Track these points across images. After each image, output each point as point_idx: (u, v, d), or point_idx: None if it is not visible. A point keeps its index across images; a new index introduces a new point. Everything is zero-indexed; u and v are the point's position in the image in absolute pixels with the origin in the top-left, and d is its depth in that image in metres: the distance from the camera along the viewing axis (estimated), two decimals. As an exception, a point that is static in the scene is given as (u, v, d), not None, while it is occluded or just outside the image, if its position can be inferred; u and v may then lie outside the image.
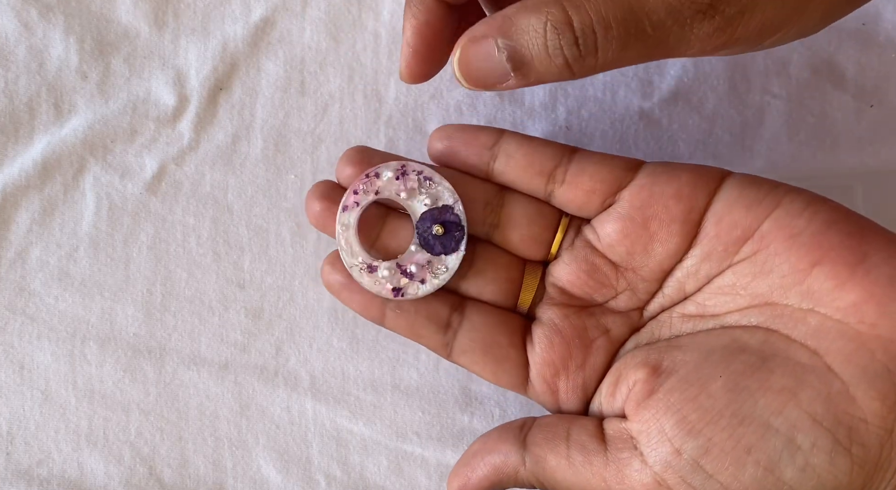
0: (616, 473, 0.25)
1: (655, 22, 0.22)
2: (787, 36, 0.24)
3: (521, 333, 0.29)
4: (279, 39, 0.36)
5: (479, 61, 0.24)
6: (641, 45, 0.23)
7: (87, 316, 0.35)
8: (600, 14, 0.22)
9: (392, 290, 0.29)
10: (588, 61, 0.23)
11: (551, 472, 0.26)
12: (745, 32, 0.23)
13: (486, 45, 0.24)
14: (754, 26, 0.23)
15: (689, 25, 0.23)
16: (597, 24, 0.22)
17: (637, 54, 0.23)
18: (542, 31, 0.23)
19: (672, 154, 0.35)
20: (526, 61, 0.23)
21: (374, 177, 0.29)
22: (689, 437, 0.24)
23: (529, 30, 0.23)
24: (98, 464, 0.34)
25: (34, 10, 0.35)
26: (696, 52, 0.24)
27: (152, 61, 0.35)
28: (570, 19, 0.23)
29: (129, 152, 0.35)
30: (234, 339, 0.35)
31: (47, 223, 0.35)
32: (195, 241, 0.35)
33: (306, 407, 0.35)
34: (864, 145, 0.35)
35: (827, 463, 0.23)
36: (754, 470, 0.23)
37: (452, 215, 0.29)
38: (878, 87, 0.35)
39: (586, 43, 0.23)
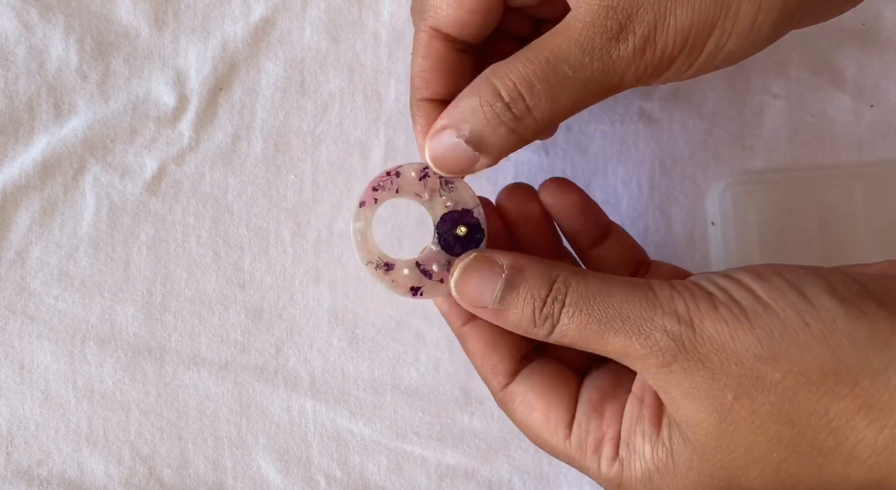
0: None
1: (573, 63, 0.24)
2: (726, 50, 0.24)
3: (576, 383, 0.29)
4: (279, 39, 0.36)
5: (446, 152, 0.26)
6: (570, 89, 0.24)
7: (87, 316, 0.35)
8: (520, 76, 0.24)
9: (410, 289, 0.29)
10: (527, 121, 0.25)
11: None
12: (669, 48, 0.24)
13: (446, 137, 0.26)
14: (676, 39, 0.24)
15: (608, 54, 0.24)
16: (520, 86, 0.24)
17: (573, 101, 0.25)
18: (480, 108, 0.25)
19: (672, 154, 0.35)
20: (482, 139, 0.25)
21: (394, 175, 0.29)
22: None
23: (471, 111, 0.25)
24: (98, 464, 0.34)
25: (34, 10, 0.35)
26: (633, 80, 0.25)
27: (152, 61, 0.35)
28: (498, 90, 0.25)
29: (129, 152, 0.35)
30: (234, 339, 0.35)
31: (47, 223, 0.35)
32: (195, 242, 0.35)
33: (306, 407, 0.35)
34: (863, 145, 0.35)
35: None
36: None
37: (472, 218, 0.29)
38: (877, 87, 0.35)
39: (517, 106, 0.25)
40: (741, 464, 0.23)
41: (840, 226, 0.33)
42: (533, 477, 0.34)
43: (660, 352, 0.24)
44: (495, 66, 0.25)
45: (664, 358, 0.23)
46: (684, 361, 0.23)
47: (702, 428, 0.23)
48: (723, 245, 0.34)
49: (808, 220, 0.33)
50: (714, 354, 0.23)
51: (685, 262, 0.35)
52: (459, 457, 0.34)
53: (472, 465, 0.34)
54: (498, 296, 0.26)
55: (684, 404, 0.24)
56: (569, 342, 0.25)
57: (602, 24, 0.24)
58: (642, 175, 0.35)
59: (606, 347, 0.25)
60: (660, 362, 0.24)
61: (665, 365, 0.24)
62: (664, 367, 0.24)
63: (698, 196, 0.35)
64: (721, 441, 0.23)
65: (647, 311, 0.24)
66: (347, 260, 0.35)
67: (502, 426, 0.34)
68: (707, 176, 0.35)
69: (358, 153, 0.35)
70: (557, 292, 0.25)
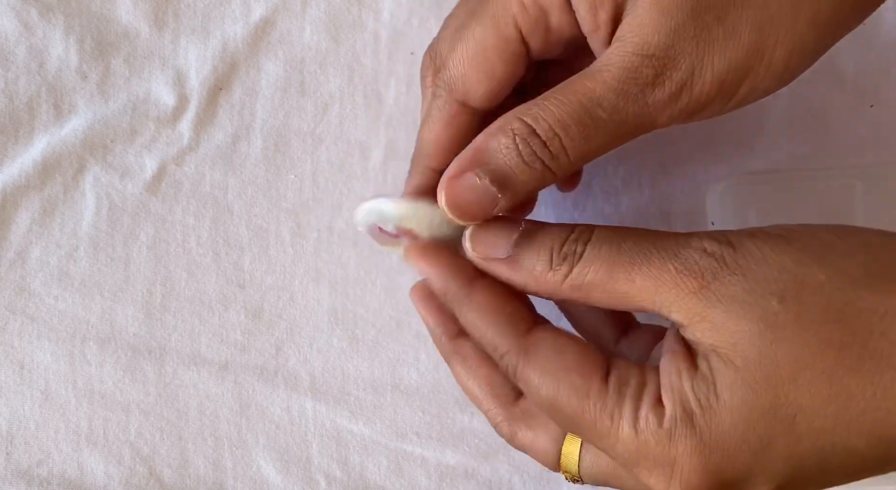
0: None
1: (608, 108, 0.24)
2: (758, 92, 0.25)
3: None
4: (279, 39, 0.36)
5: (465, 195, 0.25)
6: (604, 132, 0.24)
7: (87, 316, 0.35)
8: (555, 117, 0.24)
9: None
10: (562, 160, 0.24)
11: None
12: (705, 93, 0.24)
13: (468, 179, 0.25)
14: (712, 85, 0.24)
15: (643, 99, 0.24)
16: (556, 126, 0.24)
17: (606, 141, 0.24)
18: (514, 145, 0.24)
19: (672, 154, 0.35)
20: (509, 177, 0.25)
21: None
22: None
23: (501, 149, 0.24)
24: (98, 464, 0.34)
25: (34, 10, 0.35)
26: (666, 121, 0.25)
27: (152, 61, 0.35)
28: (533, 128, 0.24)
29: (129, 152, 0.35)
30: (234, 339, 0.35)
31: (47, 223, 0.35)
32: (195, 241, 0.35)
33: (306, 407, 0.35)
34: (863, 145, 0.35)
35: None
36: None
37: None
38: (877, 87, 0.35)
39: (554, 145, 0.24)
40: (789, 374, 0.22)
41: (840, 226, 0.33)
42: (533, 477, 0.34)
43: (699, 272, 0.23)
44: (523, 108, 0.25)
45: (703, 278, 0.23)
46: (725, 276, 0.23)
47: (746, 339, 0.22)
48: (723, 245, 0.34)
49: (808, 220, 0.33)
50: (755, 266, 0.23)
51: (685, 262, 0.35)
52: (459, 457, 0.34)
53: (472, 465, 0.34)
54: (513, 244, 0.25)
55: (725, 322, 0.22)
56: (588, 284, 0.24)
57: (638, 71, 0.23)
58: (642, 175, 0.35)
59: (634, 282, 0.24)
60: (698, 284, 0.23)
61: (704, 286, 0.23)
62: (703, 289, 0.23)
63: (698, 196, 0.35)
64: (766, 349, 0.22)
65: (682, 238, 0.24)
66: (347, 260, 0.35)
67: (502, 426, 0.34)
68: (707, 176, 0.35)
69: (358, 153, 0.35)
70: (581, 233, 0.25)
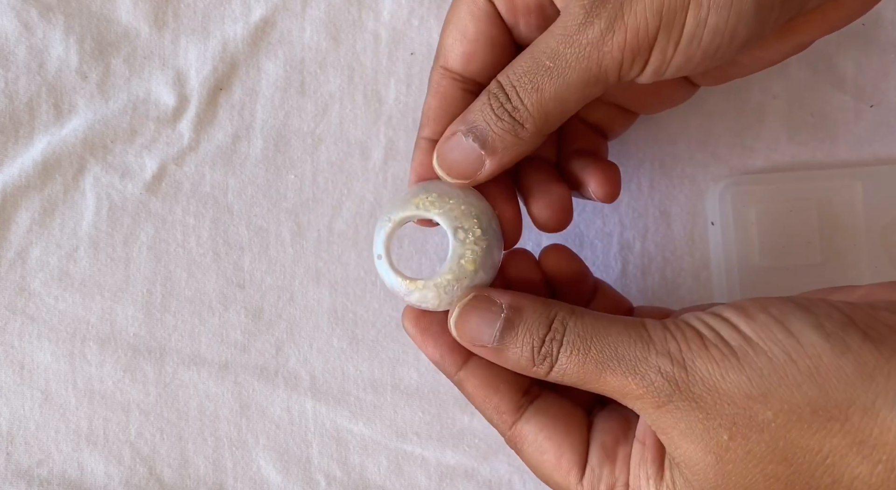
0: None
1: (550, 53, 0.25)
2: (710, 27, 0.24)
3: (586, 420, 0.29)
4: (279, 39, 0.36)
5: (452, 153, 0.28)
6: (552, 79, 0.26)
7: (87, 316, 0.35)
8: (514, 72, 0.26)
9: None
10: (521, 111, 0.26)
11: None
12: (642, 26, 0.24)
13: (455, 139, 0.27)
14: (647, 16, 0.24)
15: (579, 40, 0.25)
16: (514, 79, 0.26)
17: (557, 89, 0.26)
18: (488, 102, 0.27)
19: (672, 154, 0.35)
20: (487, 134, 0.27)
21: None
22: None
23: (479, 108, 0.27)
24: (98, 464, 0.34)
25: (34, 11, 0.35)
26: (614, 66, 0.25)
27: (152, 61, 0.35)
28: (500, 83, 0.27)
29: (129, 152, 0.35)
30: (234, 339, 0.35)
31: (47, 223, 0.35)
32: (195, 242, 0.35)
33: (306, 407, 0.35)
34: (863, 145, 0.35)
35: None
36: None
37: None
38: (877, 87, 0.35)
39: (513, 96, 0.26)
40: None
41: (840, 226, 0.33)
42: (533, 477, 0.34)
43: (655, 392, 0.24)
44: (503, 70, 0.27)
45: (660, 398, 0.24)
46: (679, 401, 0.23)
47: (700, 468, 0.24)
48: (723, 245, 0.34)
49: (808, 220, 0.33)
50: (707, 394, 0.23)
51: (685, 262, 0.35)
52: (459, 457, 0.34)
53: (472, 465, 0.34)
54: (497, 335, 0.26)
55: (682, 444, 0.24)
56: (569, 381, 0.26)
57: (574, 14, 0.25)
58: (642, 175, 0.35)
59: (604, 387, 0.25)
60: (656, 402, 0.24)
61: (661, 405, 0.24)
62: (660, 408, 0.24)
63: (698, 196, 0.35)
64: (719, 481, 0.23)
65: (641, 351, 0.24)
66: (347, 260, 0.35)
67: (502, 426, 0.34)
68: (707, 176, 0.35)
69: (358, 153, 0.35)
70: (555, 332, 0.26)
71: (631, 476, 0.26)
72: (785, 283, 0.33)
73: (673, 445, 0.24)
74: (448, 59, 0.29)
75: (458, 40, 0.28)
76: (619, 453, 0.27)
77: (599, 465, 0.27)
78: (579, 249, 0.35)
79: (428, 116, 0.29)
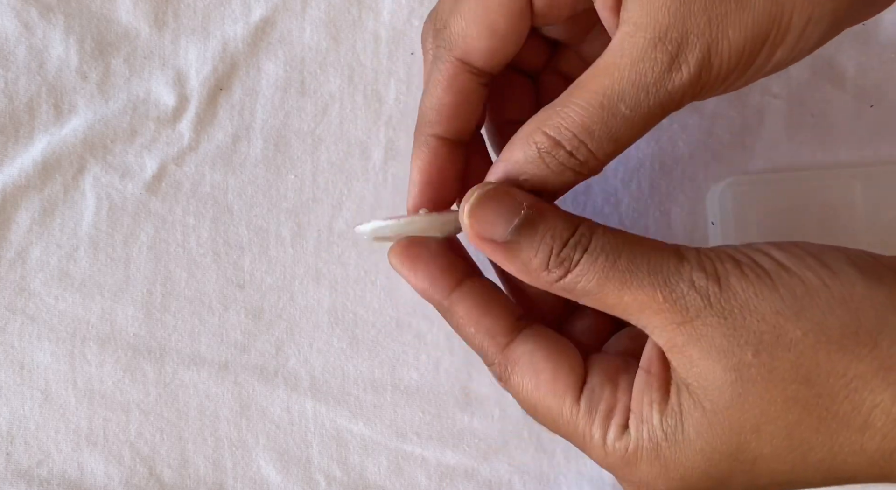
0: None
1: (630, 103, 0.23)
2: (775, 61, 0.24)
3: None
4: (279, 40, 0.36)
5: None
6: (629, 127, 0.24)
7: (87, 316, 0.35)
8: (577, 124, 0.24)
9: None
10: (591, 163, 0.24)
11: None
12: (724, 68, 0.24)
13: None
14: (731, 59, 0.23)
15: (663, 88, 0.23)
16: (580, 134, 0.24)
17: (632, 134, 0.24)
18: (540, 159, 0.24)
19: (672, 154, 0.35)
20: (544, 186, 0.25)
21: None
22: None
23: (530, 162, 0.25)
24: (98, 464, 0.34)
25: (34, 11, 0.35)
26: (689, 100, 0.24)
27: (152, 61, 0.35)
28: (557, 140, 0.24)
29: (129, 152, 0.35)
30: (234, 339, 0.35)
31: (47, 223, 0.35)
32: (195, 242, 0.35)
33: (306, 407, 0.35)
34: (863, 145, 0.35)
35: None
36: None
37: None
38: (877, 86, 0.35)
39: (581, 152, 0.24)
40: (753, 425, 0.23)
41: (840, 226, 0.33)
42: (533, 477, 0.34)
43: (685, 306, 0.23)
44: (543, 116, 0.25)
45: (688, 313, 0.23)
46: (708, 317, 0.23)
47: (716, 387, 0.23)
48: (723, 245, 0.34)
49: (808, 220, 0.33)
50: (738, 310, 0.23)
51: (685, 262, 0.35)
52: (459, 457, 0.34)
53: (472, 465, 0.34)
54: (512, 229, 0.24)
55: (701, 362, 0.23)
56: (578, 292, 0.24)
57: (653, 58, 0.23)
58: (642, 175, 0.35)
59: (622, 299, 0.24)
60: (682, 318, 0.23)
61: (687, 321, 0.23)
62: (685, 324, 0.23)
63: (698, 196, 0.35)
64: (735, 400, 0.23)
65: (675, 264, 0.24)
66: (347, 260, 0.35)
67: (502, 426, 0.34)
68: (707, 176, 0.35)
69: (358, 153, 0.35)
70: (581, 236, 0.24)
71: (633, 401, 0.25)
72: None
73: (688, 364, 0.23)
74: (469, 53, 0.26)
75: (484, 35, 0.26)
76: (620, 379, 0.25)
77: (600, 386, 0.25)
78: (579, 249, 0.35)
79: (440, 113, 0.27)
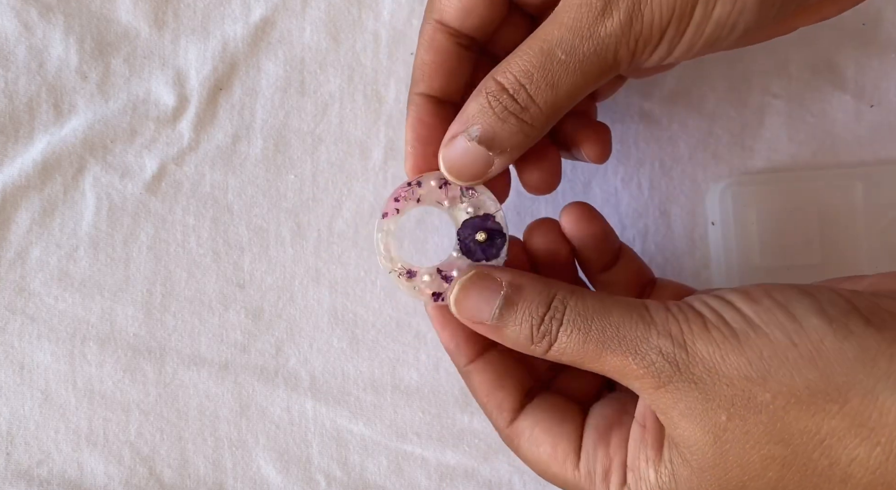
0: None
1: (566, 47, 0.25)
2: (716, 19, 0.24)
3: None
4: (279, 39, 0.36)
5: (461, 158, 0.27)
6: (567, 73, 0.25)
7: (87, 316, 0.35)
8: (519, 68, 0.26)
9: (432, 294, 0.29)
10: (532, 110, 0.26)
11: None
12: (657, 18, 0.24)
13: (459, 143, 0.27)
14: (663, 9, 0.24)
15: (597, 33, 0.25)
16: (520, 77, 0.26)
17: (572, 84, 0.25)
18: (488, 104, 0.26)
19: (672, 154, 0.35)
20: (492, 135, 0.26)
21: (416, 185, 0.29)
22: None
23: (479, 110, 0.26)
24: (98, 464, 0.34)
25: (34, 11, 0.35)
26: (627, 55, 0.25)
27: (152, 61, 0.35)
28: (501, 84, 0.26)
29: (129, 152, 0.35)
30: (234, 339, 0.35)
31: (47, 223, 0.35)
32: (195, 242, 0.35)
33: (306, 407, 0.35)
34: (863, 145, 0.35)
35: None
36: None
37: (494, 223, 0.29)
38: (877, 86, 0.35)
39: (520, 95, 0.26)
40: (738, 482, 0.24)
41: (840, 226, 0.33)
42: (533, 477, 0.34)
43: (655, 372, 0.24)
44: (497, 66, 0.26)
45: (660, 379, 0.24)
46: (679, 382, 0.24)
47: (698, 448, 0.24)
48: (723, 245, 0.34)
49: (808, 220, 0.33)
50: (706, 375, 0.23)
51: (685, 262, 0.35)
52: (459, 457, 0.34)
53: (472, 465, 0.34)
54: (496, 313, 0.26)
55: (681, 424, 0.24)
56: (567, 360, 0.26)
57: (588, 4, 0.24)
58: (642, 175, 0.35)
59: (604, 366, 0.25)
60: (656, 383, 0.24)
61: (661, 386, 0.24)
62: (660, 388, 0.24)
63: (698, 196, 0.35)
64: (717, 461, 0.24)
65: (643, 331, 0.24)
66: (347, 260, 0.35)
67: (502, 426, 0.34)
68: (707, 176, 0.35)
69: (358, 153, 0.35)
70: (555, 311, 0.26)
71: (629, 457, 0.26)
72: (785, 283, 0.33)
73: (672, 425, 0.24)
74: (443, 14, 0.28)
75: None
76: (612, 435, 0.27)
77: (594, 448, 0.27)
78: (579, 249, 0.35)
79: (422, 71, 0.29)
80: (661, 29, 0.24)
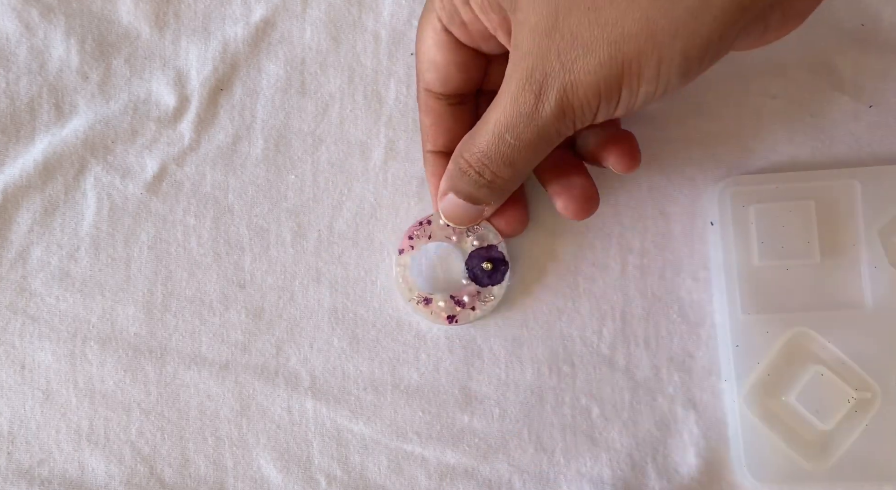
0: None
1: (514, 132, 0.27)
2: (643, 96, 0.26)
3: None
4: (279, 40, 0.36)
5: (455, 211, 0.32)
6: (519, 153, 0.28)
7: (88, 316, 0.35)
8: (479, 151, 0.28)
9: (447, 317, 0.34)
10: (498, 181, 0.29)
11: None
12: (586, 105, 0.26)
13: (450, 200, 0.31)
14: (589, 98, 0.26)
15: (536, 120, 0.27)
16: (481, 159, 0.29)
17: (526, 159, 0.28)
18: (463, 175, 0.30)
19: (672, 154, 0.35)
20: (473, 198, 0.31)
21: (426, 224, 0.34)
22: None
23: (458, 176, 0.30)
24: (99, 463, 0.35)
25: (35, 11, 0.35)
26: (569, 130, 0.27)
27: (153, 62, 0.35)
28: (469, 162, 0.29)
29: (130, 152, 0.35)
30: (234, 338, 0.35)
31: (48, 223, 0.35)
32: (196, 241, 0.35)
33: (307, 407, 0.35)
34: (862, 145, 0.35)
35: None
36: None
37: (497, 252, 0.34)
38: (876, 87, 0.35)
39: (485, 172, 0.29)
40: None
41: (839, 226, 0.33)
42: (533, 477, 0.34)
43: None
44: (463, 141, 0.29)
45: None
46: None
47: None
48: (722, 245, 0.34)
49: (808, 220, 0.33)
50: None
51: (685, 262, 0.35)
52: (459, 457, 0.35)
53: (472, 464, 0.35)
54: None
55: None
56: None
57: (524, 95, 0.26)
58: (642, 175, 0.35)
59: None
60: None
61: None
62: None
63: (698, 196, 0.35)
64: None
65: None
66: (348, 260, 0.35)
67: (502, 426, 0.34)
68: (707, 176, 0.35)
69: (358, 153, 0.36)
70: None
71: None
72: (785, 282, 0.33)
73: None
74: (427, 84, 0.31)
75: (429, 68, 0.31)
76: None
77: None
78: (579, 249, 0.35)
79: (425, 133, 0.32)
80: (593, 110, 0.26)
